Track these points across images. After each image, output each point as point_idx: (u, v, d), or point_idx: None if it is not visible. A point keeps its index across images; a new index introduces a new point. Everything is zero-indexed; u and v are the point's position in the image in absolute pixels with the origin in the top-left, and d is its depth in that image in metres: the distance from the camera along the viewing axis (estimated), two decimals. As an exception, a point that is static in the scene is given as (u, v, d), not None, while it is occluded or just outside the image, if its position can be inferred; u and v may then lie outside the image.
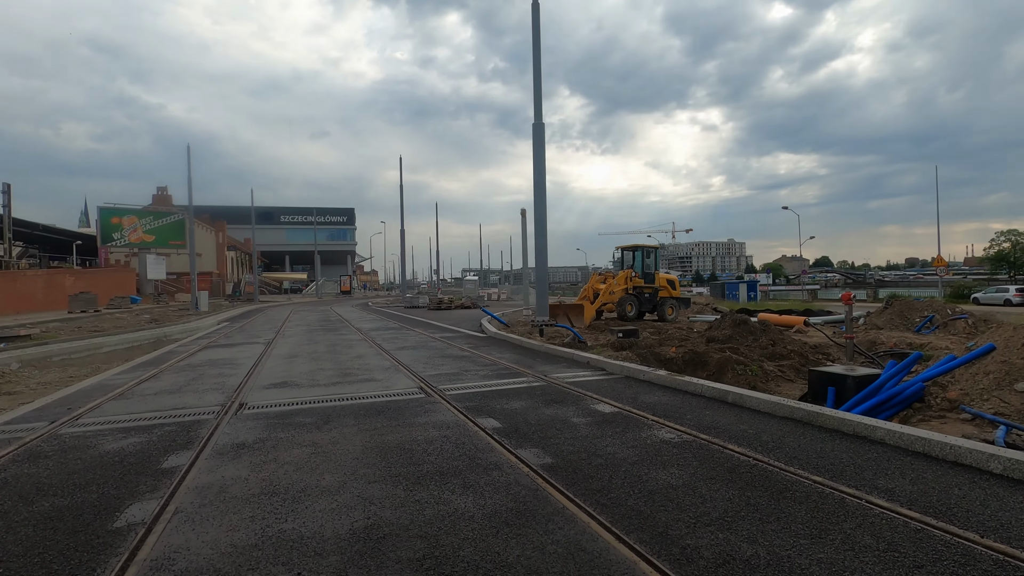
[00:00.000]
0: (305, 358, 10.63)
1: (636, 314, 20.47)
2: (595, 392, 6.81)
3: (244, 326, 20.23)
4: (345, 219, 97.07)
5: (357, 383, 7.80)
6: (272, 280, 73.26)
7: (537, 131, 15.45)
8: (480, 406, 6.18)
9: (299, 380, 8.16)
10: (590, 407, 6.03)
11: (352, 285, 72.30)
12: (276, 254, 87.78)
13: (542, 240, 15.50)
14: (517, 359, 9.91)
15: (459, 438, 4.92)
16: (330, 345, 12.93)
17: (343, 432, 5.19)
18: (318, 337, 15.10)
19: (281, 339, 14.72)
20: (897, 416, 6.52)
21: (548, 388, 7.17)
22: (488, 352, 11.00)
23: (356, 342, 13.58)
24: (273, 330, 17.96)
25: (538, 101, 15.50)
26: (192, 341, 14.76)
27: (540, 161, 15.37)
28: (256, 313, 30.26)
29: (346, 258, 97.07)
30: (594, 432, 5.03)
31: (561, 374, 8.19)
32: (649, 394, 6.66)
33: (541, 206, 15.37)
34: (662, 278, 21.70)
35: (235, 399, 6.84)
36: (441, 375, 8.33)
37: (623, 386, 7.21)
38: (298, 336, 15.49)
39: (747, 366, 9.79)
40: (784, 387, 9.28)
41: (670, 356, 10.27)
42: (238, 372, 9.03)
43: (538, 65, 15.50)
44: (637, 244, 21.82)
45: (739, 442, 4.63)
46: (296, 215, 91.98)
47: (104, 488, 3.86)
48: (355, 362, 9.94)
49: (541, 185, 15.37)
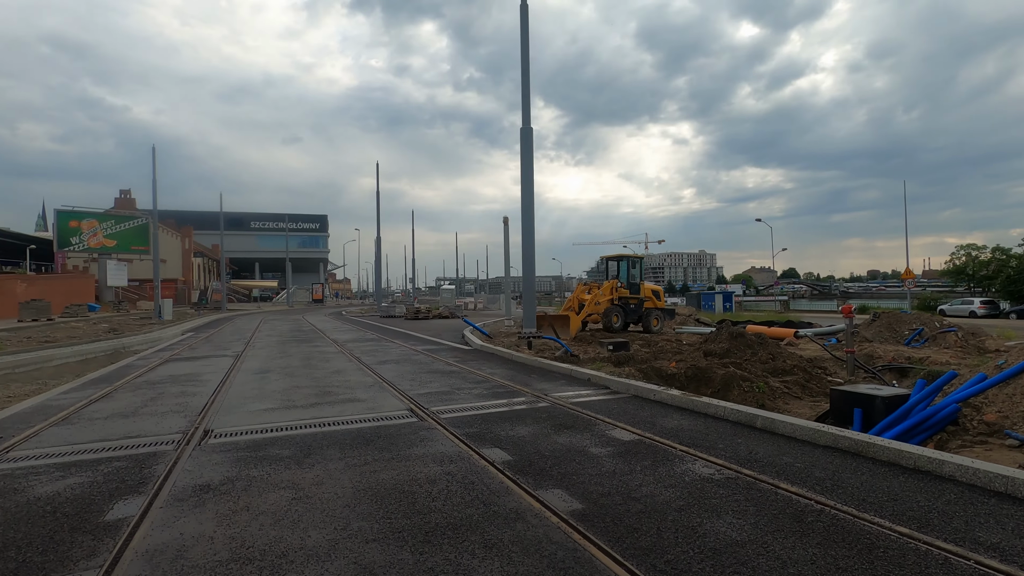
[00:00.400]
0: (279, 374, 9.75)
1: (621, 325, 20.01)
2: (606, 415, 6.17)
3: (211, 336, 19.08)
4: (318, 226, 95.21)
5: (339, 404, 7.01)
6: (241, 288, 71.09)
7: (525, 136, 14.90)
8: (482, 433, 5.48)
9: (273, 400, 7.32)
10: (606, 434, 5.39)
11: (324, 293, 70.56)
12: (245, 261, 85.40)
13: (529, 249, 14.90)
14: (510, 375, 9.22)
15: (466, 475, 4.21)
16: (305, 359, 12.04)
17: (328, 468, 4.43)
18: (291, 349, 14.15)
19: (251, 351, 13.73)
20: (932, 440, 6.05)
21: (553, 410, 6.50)
22: (477, 367, 10.29)
23: (333, 355, 12.70)
24: (242, 341, 16.89)
25: (526, 104, 14.96)
26: (153, 353, 13.66)
27: (528, 166, 14.81)
28: (224, 322, 28.90)
29: (318, 266, 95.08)
30: (620, 466, 4.39)
31: (562, 393, 7.53)
32: (666, 417, 6.04)
33: (528, 213, 14.78)
34: (647, 289, 21.30)
35: (199, 424, 5.99)
36: (431, 394, 7.59)
37: (634, 408, 6.59)
38: (270, 348, 14.52)
39: (752, 383, 9.30)
40: (792, 405, 8.80)
41: (671, 372, 9.73)
42: (203, 391, 8.13)
43: (526, 68, 14.98)
44: (622, 254, 21.41)
45: (790, 479, 4.03)
46: (267, 221, 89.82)
47: (24, 555, 3.04)
48: (334, 379, 9.11)
49: (529, 191, 14.79)
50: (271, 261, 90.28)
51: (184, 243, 59.09)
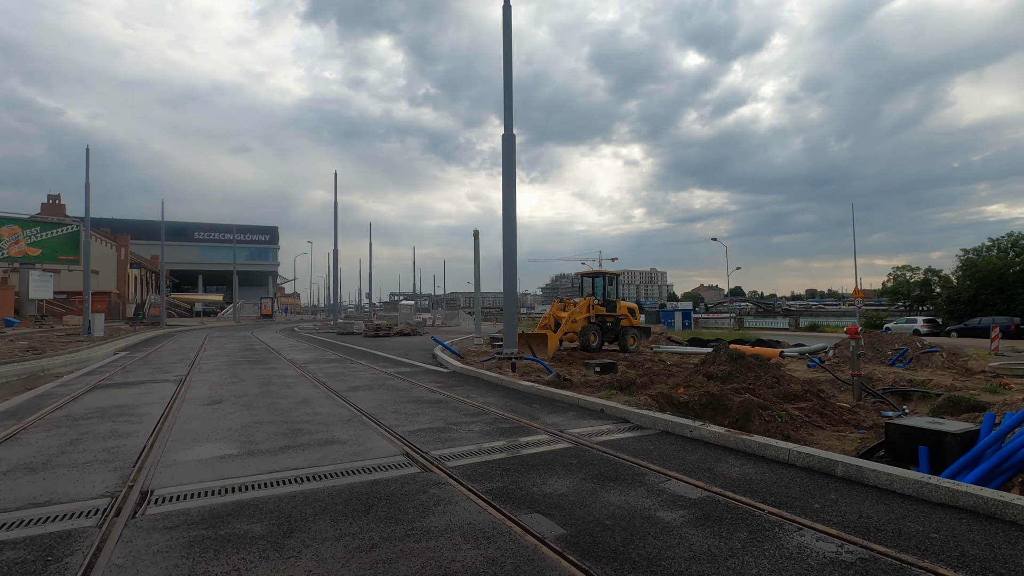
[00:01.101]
0: (234, 404, 8.27)
1: (598, 344, 19.19)
2: (647, 459, 5.14)
3: (149, 356, 17.05)
4: (267, 238, 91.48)
5: (315, 447, 5.71)
6: (183, 301, 66.94)
7: (507, 143, 13.95)
8: (509, 489, 4.35)
9: (230, 442, 5.93)
10: (665, 488, 4.35)
11: (273, 308, 67.23)
12: (188, 273, 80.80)
13: (511, 261, 13.86)
14: (508, 405, 8.09)
15: (519, 565, 3.07)
16: (263, 384, 10.52)
17: (322, 556, 3.20)
18: (244, 372, 12.53)
19: (197, 375, 12.05)
20: (1016, 485, 5.32)
21: (581, 453, 5.42)
22: (466, 394, 9.10)
23: (294, 379, 11.21)
24: (186, 362, 15.05)
25: (508, 110, 14.03)
26: (79, 378, 11.78)
27: (510, 174, 13.84)
28: (164, 339, 26.44)
29: (267, 279, 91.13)
30: (713, 542, 3.35)
31: (579, 429, 6.47)
32: (721, 462, 5.07)
33: (510, 223, 13.77)
34: (623, 306, 20.62)
35: (134, 481, 4.60)
36: (425, 432, 6.37)
37: (674, 448, 5.59)
38: (219, 371, 12.83)
39: (771, 411, 8.52)
40: (818, 436, 8.03)
41: (683, 400, 8.85)
42: (140, 429, 6.63)
43: (509, 72, 14.06)
44: (598, 270, 20.67)
45: (948, 563, 3.10)
46: (212, 232, 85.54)
47: None
48: (302, 411, 7.74)
49: (511, 199, 13.80)
50: (216, 274, 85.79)
51: (120, 253, 55.07)
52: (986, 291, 42.23)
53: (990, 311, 40.41)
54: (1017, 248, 50.10)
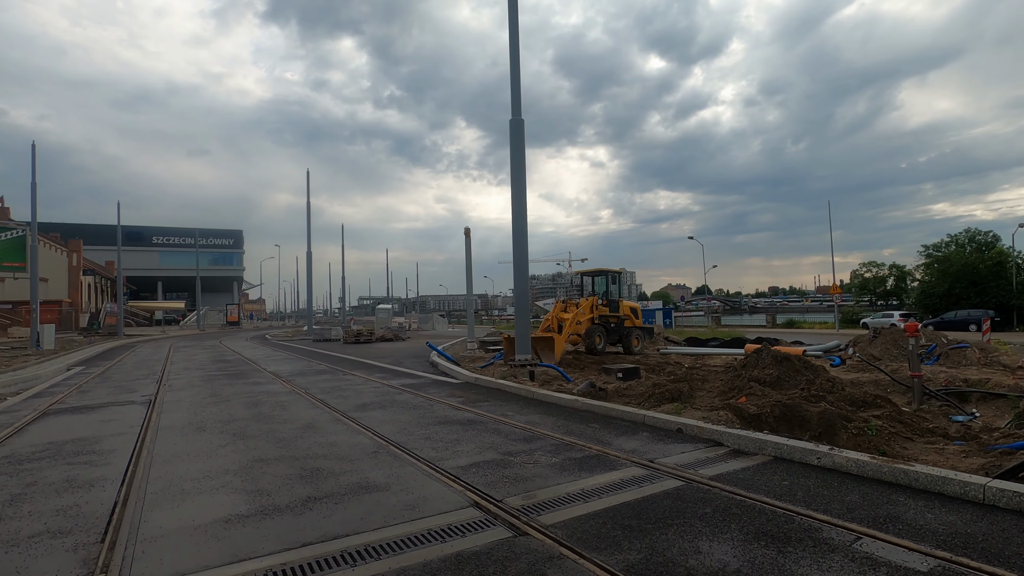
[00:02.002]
0: (222, 433, 6.75)
1: (603, 346, 18.08)
2: (797, 503, 3.94)
3: (108, 371, 15.13)
4: (231, 242, 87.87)
5: (348, 496, 4.32)
6: (142, 309, 63.37)
7: (515, 128, 12.69)
8: (656, 564, 3.07)
9: (232, 492, 4.49)
10: (870, 555, 3.14)
11: (240, 315, 64.23)
12: (147, 280, 76.77)
13: (522, 256, 12.60)
14: (559, 424, 6.81)
15: None
16: (251, 404, 8.97)
17: None
18: (225, 389, 10.90)
19: (169, 394, 10.38)
20: None
21: (705, 496, 4.18)
22: (498, 411, 7.78)
23: (287, 397, 9.68)
24: (152, 378, 13.27)
25: (516, 94, 12.79)
26: (25, 401, 9.98)
27: (519, 161, 12.59)
28: (123, 351, 24.19)
29: (231, 285, 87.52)
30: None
31: (673, 457, 5.24)
32: (894, 503, 3.89)
33: (520, 217, 12.52)
34: (626, 306, 19.57)
35: (107, 568, 3.15)
36: (480, 467, 5.04)
37: (814, 482, 4.41)
38: (194, 388, 11.16)
39: (856, 423, 7.46)
40: (913, 450, 6.99)
41: (753, 412, 7.73)
42: (107, 474, 5.11)
43: (515, 55, 12.80)
44: (601, 268, 19.56)
45: None
46: (172, 236, 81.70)
47: None
48: (311, 439, 6.29)
49: (521, 192, 12.55)
50: (176, 280, 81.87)
51: (72, 259, 51.52)
52: (960, 285, 42.96)
53: (964, 304, 41.06)
54: (974, 244, 51.60)
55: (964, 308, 40.92)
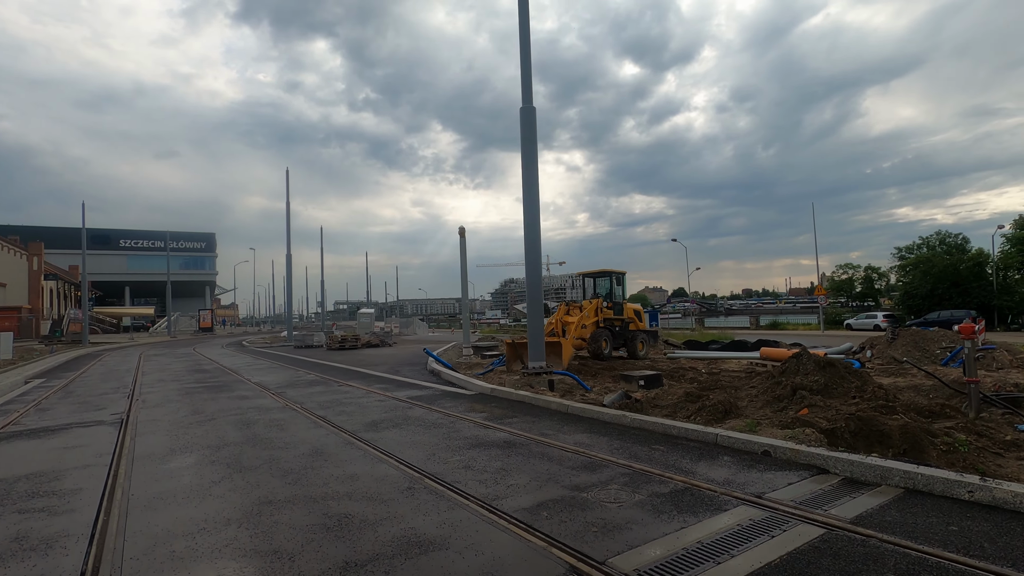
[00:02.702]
0: (214, 466, 5.60)
1: (610, 351, 17.21)
2: (991, 559, 3.04)
3: (72, 384, 13.66)
4: (203, 245, 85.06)
5: (398, 560, 3.26)
6: (108, 316, 60.55)
7: (526, 116, 11.74)
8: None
9: (240, 553, 3.39)
10: None
11: (212, 321, 61.81)
12: (114, 285, 73.68)
13: (535, 256, 11.63)
14: (617, 446, 5.82)
15: None
16: (241, 423, 7.77)
17: None
18: (207, 404, 9.65)
19: (144, 411, 9.10)
20: None
21: (862, 551, 3.23)
22: (534, 429, 6.77)
23: (281, 413, 8.50)
24: (123, 391, 11.90)
25: (527, 81, 11.86)
26: (-28, 423, 8.61)
27: (531, 152, 11.63)
28: (89, 360, 22.46)
29: (204, 289, 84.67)
30: None
31: (780, 492, 4.29)
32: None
33: (533, 210, 11.56)
34: (630, 308, 18.75)
35: None
36: (551, 507, 4.03)
37: (989, 527, 3.51)
38: (172, 404, 9.88)
39: (943, 438, 6.65)
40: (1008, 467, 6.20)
41: (825, 427, 6.86)
42: (68, 530, 3.95)
43: (526, 41, 11.83)
44: (605, 269, 18.68)
45: None
46: (141, 239, 78.69)
47: None
48: (325, 472, 5.19)
49: (532, 181, 11.58)
50: (146, 285, 78.85)
51: (32, 263, 48.81)
52: (942, 286, 43.34)
53: (947, 305, 41.42)
54: (944, 245, 52.57)
55: (947, 308, 41.23)
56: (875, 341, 15.62)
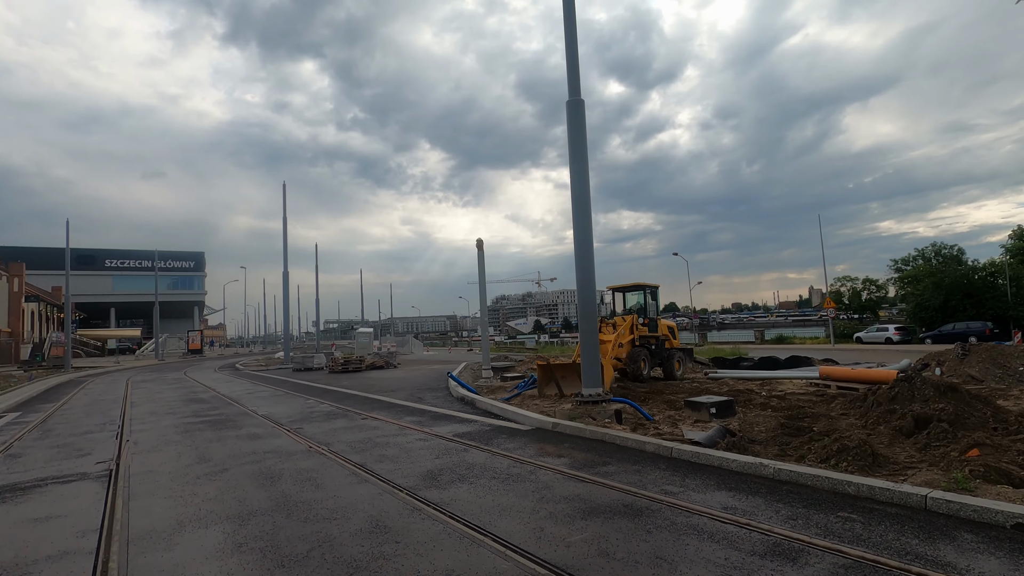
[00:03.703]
0: (241, 554, 4.03)
1: (649, 371, 15.78)
2: None
3: (51, 420, 11.94)
4: (192, 264, 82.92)
5: None
6: (93, 338, 58.27)
7: (573, 109, 10.43)
8: None
9: None
10: None
11: (202, 342, 59.63)
12: (99, 306, 71.26)
13: (587, 261, 10.24)
14: (787, 513, 4.33)
15: None
16: (262, 477, 6.20)
17: None
18: (213, 447, 8.03)
19: (136, 457, 7.48)
20: None
21: None
22: (647, 481, 5.27)
23: (308, 460, 6.93)
24: (110, 429, 10.24)
25: (573, 73, 10.59)
26: (-77, 477, 6.93)
27: (580, 147, 10.31)
28: (71, 388, 20.60)
29: (192, 310, 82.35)
30: None
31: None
32: None
33: (583, 211, 10.20)
34: (664, 325, 17.35)
35: None
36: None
37: None
38: (171, 447, 8.24)
39: None
40: None
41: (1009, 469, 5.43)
42: None
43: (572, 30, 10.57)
44: (638, 283, 17.28)
45: None
46: (127, 259, 76.45)
47: None
48: (405, 567, 3.67)
49: (582, 178, 10.25)
50: (132, 306, 76.40)
51: (12, 284, 46.63)
52: (955, 297, 42.46)
53: (961, 316, 40.51)
54: (940, 257, 52.02)
55: (961, 320, 40.32)
56: (942, 357, 14.29)
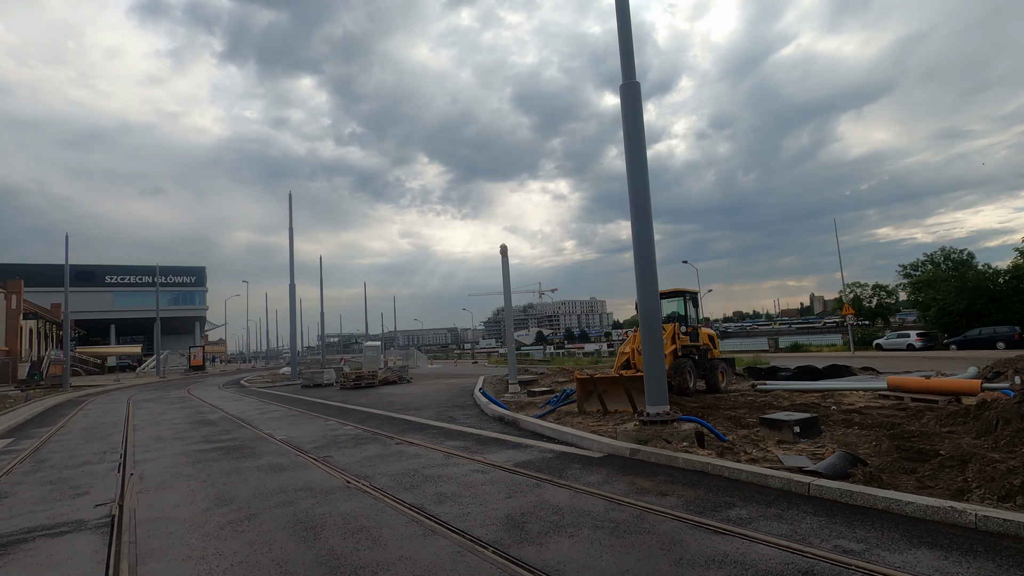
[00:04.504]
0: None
1: (694, 384, 14.61)
2: None
3: (44, 449, 10.72)
4: (193, 279, 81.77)
5: None
6: (93, 356, 56.94)
7: (628, 92, 9.35)
8: None
9: None
10: None
11: (204, 358, 58.31)
12: (98, 323, 70.04)
13: (647, 257, 9.08)
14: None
15: None
16: (300, 528, 5.00)
17: None
18: (232, 483, 6.83)
19: (143, 498, 6.28)
20: None
21: None
22: (808, 535, 4.08)
23: (349, 501, 5.73)
24: (111, 459, 9.02)
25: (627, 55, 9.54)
26: None
27: (637, 134, 9.21)
28: (69, 410, 19.35)
29: (193, 325, 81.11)
30: None
31: None
32: None
33: (642, 200, 9.08)
34: (704, 334, 16.20)
35: None
36: None
37: None
38: (182, 482, 7.03)
39: None
40: None
41: None
42: None
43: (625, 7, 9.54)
44: (678, 288, 16.12)
45: None
46: (127, 275, 75.33)
47: None
48: None
49: (639, 166, 9.13)
50: (132, 322, 75.16)
51: (10, 301, 45.44)
52: (979, 302, 41.30)
53: (985, 321, 39.34)
54: (950, 262, 50.91)
55: (987, 325, 39.13)
56: (1020, 364, 13.11)
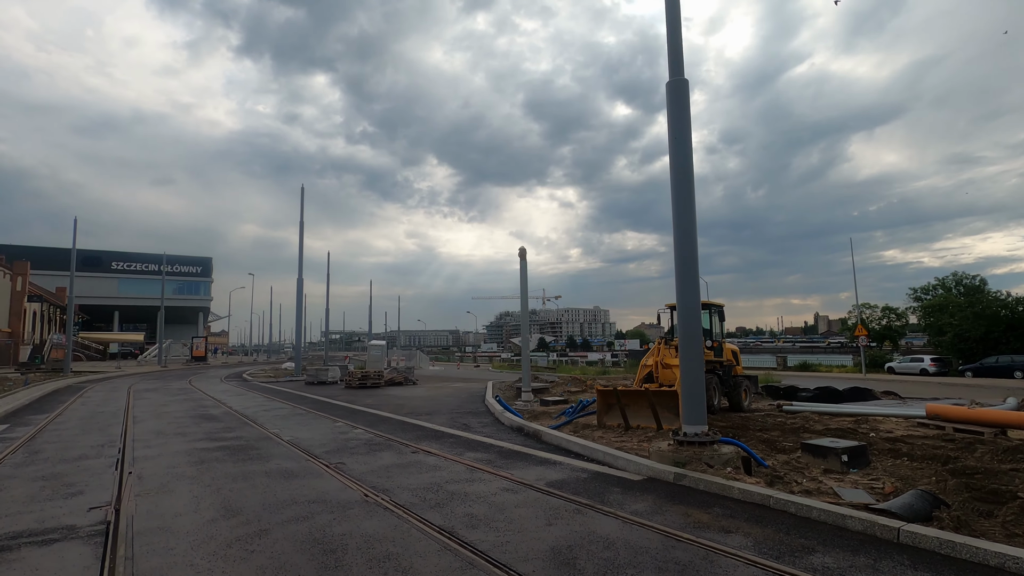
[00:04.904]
0: None
1: (719, 402, 14.00)
2: None
3: (39, 438, 10.18)
4: (199, 270, 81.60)
5: None
6: (95, 341, 56.64)
7: (675, 90, 8.77)
8: None
9: None
10: None
11: (206, 349, 57.88)
12: (102, 309, 69.81)
13: (691, 274, 8.53)
14: None
15: None
16: (319, 551, 4.39)
17: None
18: (239, 490, 6.26)
19: (142, 504, 5.71)
20: None
21: None
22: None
23: (370, 520, 5.15)
24: (108, 454, 8.47)
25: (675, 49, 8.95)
26: None
27: (683, 134, 8.66)
28: (69, 396, 18.84)
29: (196, 316, 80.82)
30: None
31: None
32: None
33: (686, 201, 8.55)
34: (728, 349, 15.59)
35: None
36: None
37: None
38: (185, 485, 6.47)
39: None
40: None
41: None
42: None
43: None
44: (704, 301, 15.45)
45: None
46: (134, 262, 75.17)
47: None
48: None
49: (684, 168, 8.58)
50: (136, 310, 74.96)
51: (16, 283, 45.16)
52: (997, 329, 40.44)
53: (1003, 349, 38.47)
54: (962, 287, 50.00)
55: (1004, 353, 38.24)
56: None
